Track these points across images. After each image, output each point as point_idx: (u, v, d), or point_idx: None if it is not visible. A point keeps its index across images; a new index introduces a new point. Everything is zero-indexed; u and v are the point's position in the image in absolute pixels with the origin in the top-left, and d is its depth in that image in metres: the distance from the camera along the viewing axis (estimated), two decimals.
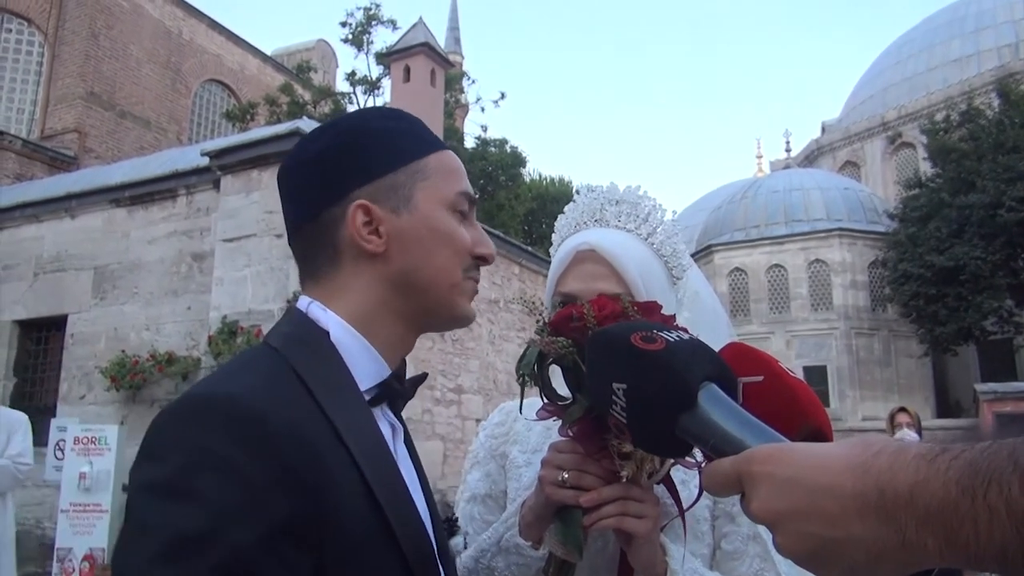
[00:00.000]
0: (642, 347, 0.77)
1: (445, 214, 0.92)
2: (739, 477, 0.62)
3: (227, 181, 9.06)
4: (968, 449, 0.52)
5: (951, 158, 22.07)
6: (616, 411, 0.79)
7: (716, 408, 0.72)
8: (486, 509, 1.33)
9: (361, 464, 0.78)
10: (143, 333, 9.39)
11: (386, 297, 0.89)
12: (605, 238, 1.20)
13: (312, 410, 0.78)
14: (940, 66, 31.01)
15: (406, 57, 13.00)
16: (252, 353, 0.86)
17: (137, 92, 21.09)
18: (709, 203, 34.01)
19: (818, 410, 0.84)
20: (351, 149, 0.90)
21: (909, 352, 24.39)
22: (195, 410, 0.72)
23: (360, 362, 0.87)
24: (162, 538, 0.65)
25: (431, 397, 10.72)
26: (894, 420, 5.05)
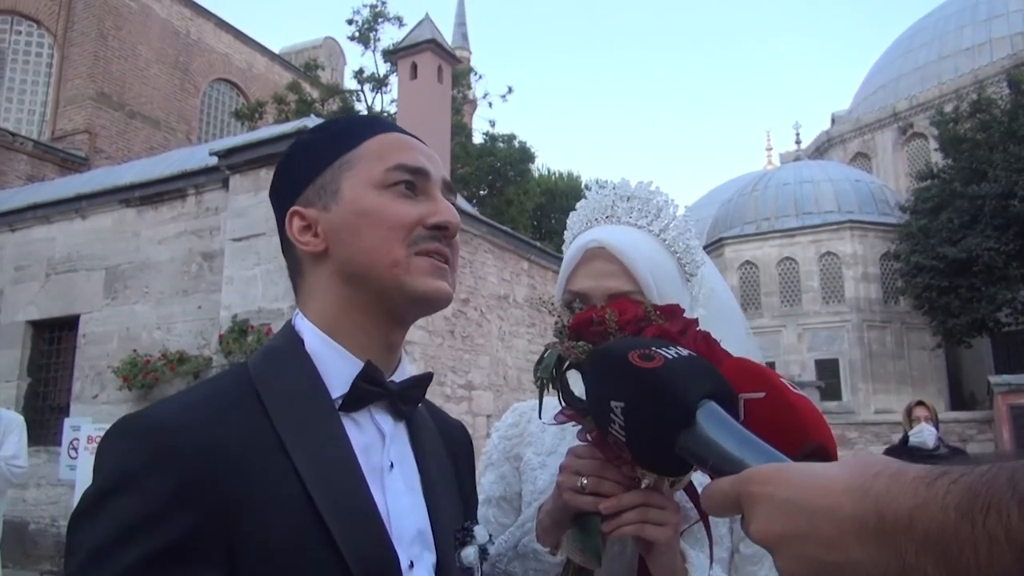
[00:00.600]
0: (639, 365, 0.76)
1: (372, 194, 0.89)
2: (738, 498, 0.62)
3: (236, 180, 9.10)
4: (967, 473, 0.51)
5: (962, 148, 21.89)
6: (615, 429, 0.79)
7: (715, 426, 0.71)
8: (501, 512, 1.33)
9: (305, 477, 0.77)
10: (154, 332, 9.44)
11: (344, 294, 0.89)
12: (615, 235, 1.18)
13: (256, 424, 0.78)
14: (952, 55, 30.74)
15: (412, 54, 12.98)
16: (224, 371, 0.90)
17: (146, 92, 21.19)
18: (719, 196, 33.88)
19: (821, 427, 0.83)
20: (285, 173, 0.96)
21: (922, 344, 24.24)
22: (118, 433, 0.75)
23: (333, 367, 0.87)
24: (80, 555, 0.70)
25: (441, 393, 10.74)
26: (912, 414, 4.99)
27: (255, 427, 0.78)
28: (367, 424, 0.88)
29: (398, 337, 0.93)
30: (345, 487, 0.80)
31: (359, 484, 0.81)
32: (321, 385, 0.85)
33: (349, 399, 0.86)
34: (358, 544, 0.77)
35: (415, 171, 0.91)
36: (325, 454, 0.80)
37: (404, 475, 0.89)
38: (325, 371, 0.86)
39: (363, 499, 0.81)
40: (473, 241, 12.10)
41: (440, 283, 0.90)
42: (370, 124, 0.95)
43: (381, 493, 0.84)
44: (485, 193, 25.09)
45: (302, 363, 0.86)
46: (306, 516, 0.75)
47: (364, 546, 0.78)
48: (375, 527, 0.80)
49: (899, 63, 33.30)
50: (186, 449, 0.72)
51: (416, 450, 0.94)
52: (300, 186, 0.92)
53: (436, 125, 12.90)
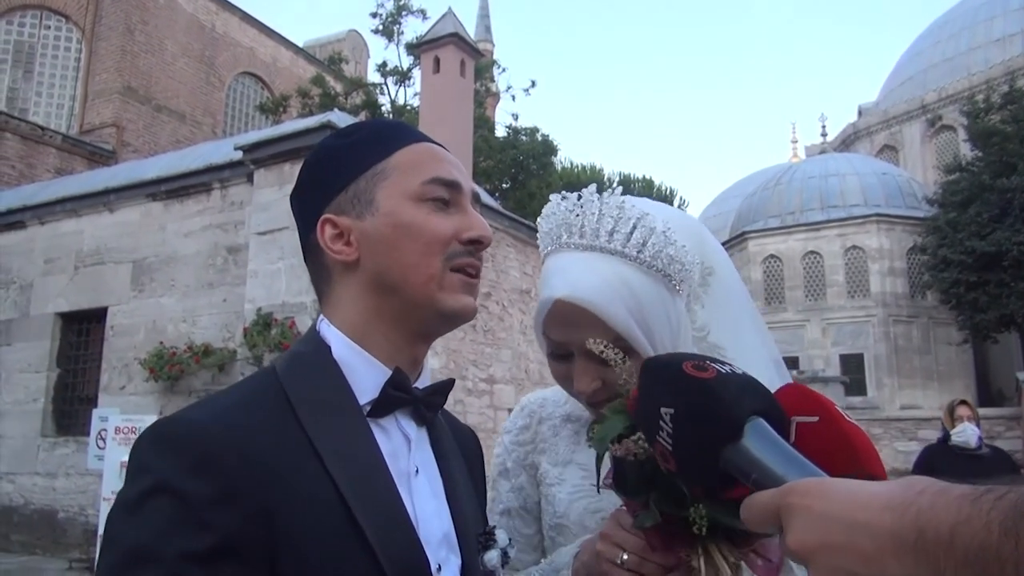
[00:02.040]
0: (693, 374, 0.77)
1: (410, 206, 0.89)
2: (778, 510, 0.61)
3: (260, 175, 9.18)
4: (1013, 490, 0.50)
5: (993, 141, 21.52)
6: (662, 437, 0.78)
7: (761, 442, 0.71)
8: (522, 523, 1.30)
9: (338, 482, 0.78)
10: (180, 325, 9.56)
11: (374, 304, 0.90)
12: (580, 285, 1.06)
13: (289, 430, 0.80)
14: (982, 46, 30.20)
15: (435, 48, 12.99)
16: (251, 376, 0.91)
17: (172, 86, 21.40)
18: (743, 189, 33.58)
19: (873, 458, 0.81)
20: (313, 176, 0.95)
21: (949, 340, 23.92)
22: (157, 436, 0.77)
23: (360, 374, 0.88)
24: (119, 552, 0.71)
25: (463, 387, 10.78)
26: (954, 413, 4.90)
27: (289, 432, 0.79)
28: (393, 430, 0.89)
29: (422, 351, 0.94)
30: (377, 491, 0.82)
31: (390, 488, 0.83)
32: (349, 392, 0.86)
33: (377, 405, 0.87)
34: (392, 547, 0.79)
35: (450, 184, 0.91)
36: (356, 459, 0.82)
37: (429, 480, 0.91)
38: (353, 378, 0.87)
39: (395, 503, 0.83)
40: (495, 235, 12.06)
41: (468, 299, 0.91)
42: (401, 132, 0.95)
43: (409, 497, 0.86)
44: (507, 186, 25.08)
45: (330, 370, 0.87)
46: (341, 519, 0.77)
47: (397, 549, 0.80)
48: (407, 530, 0.82)
49: (928, 54, 32.78)
50: (225, 455, 0.74)
51: (438, 455, 0.95)
52: (331, 193, 0.92)
53: (458, 118, 12.92)
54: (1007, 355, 24.47)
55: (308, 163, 0.96)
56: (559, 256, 1.13)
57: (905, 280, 24.75)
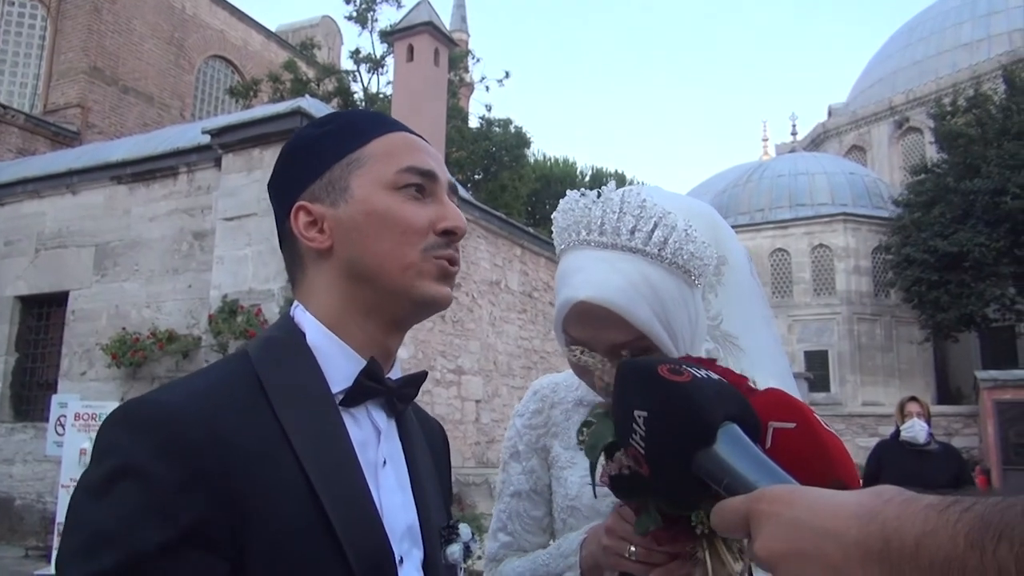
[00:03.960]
0: (668, 378, 0.76)
1: (384, 195, 0.89)
2: (747, 516, 0.61)
3: (228, 159, 9.05)
4: (980, 502, 0.50)
5: (957, 144, 21.91)
6: (635, 440, 0.78)
7: (734, 448, 0.71)
8: (532, 505, 1.31)
9: (309, 470, 0.77)
10: (144, 311, 9.42)
11: (348, 292, 0.89)
12: (603, 285, 1.06)
13: (261, 416, 0.79)
14: (950, 50, 30.72)
15: (409, 36, 12.89)
16: (224, 359, 0.90)
17: (140, 67, 20.99)
18: (714, 186, 33.85)
19: (848, 467, 0.81)
20: (289, 164, 0.95)
21: (910, 338, 24.37)
22: (125, 416, 0.75)
23: (334, 363, 0.87)
24: (82, 536, 0.70)
25: (431, 378, 10.76)
26: (904, 409, 5.02)
27: (260, 418, 0.79)
28: (364, 420, 0.89)
29: (396, 341, 0.94)
30: (347, 481, 0.81)
31: (359, 479, 0.83)
32: (322, 380, 0.86)
33: (350, 395, 0.87)
34: (358, 538, 0.79)
35: (425, 174, 0.91)
36: (327, 448, 0.81)
37: (396, 472, 0.91)
38: (327, 366, 0.87)
39: (363, 494, 0.82)
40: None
41: (445, 288, 0.91)
42: (378, 121, 0.95)
43: (375, 489, 0.85)
44: (480, 178, 25.01)
45: (304, 357, 0.87)
46: (309, 508, 0.76)
47: (364, 540, 0.79)
48: (374, 522, 0.82)
49: (897, 57, 33.27)
50: (195, 438, 0.73)
51: (405, 447, 0.95)
52: (306, 181, 0.91)
53: (432, 108, 12.84)
54: (966, 354, 25.01)
55: (284, 151, 0.96)
56: (578, 254, 1.12)
57: (870, 279, 25.15)
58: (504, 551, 1.30)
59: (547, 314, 14.51)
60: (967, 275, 20.67)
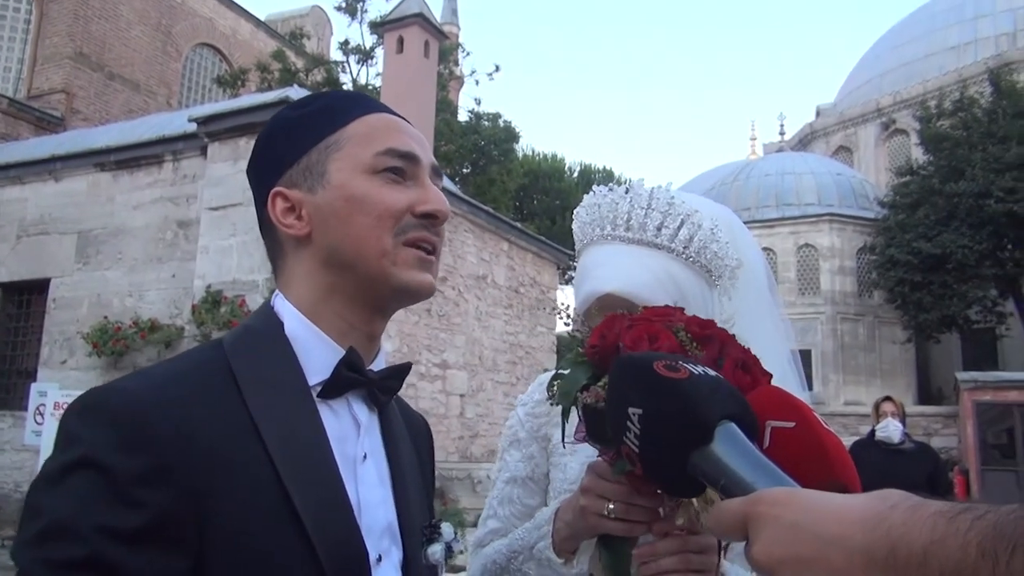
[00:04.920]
0: (664, 374, 0.74)
1: (362, 179, 0.86)
2: (745, 519, 0.59)
3: (214, 148, 8.98)
4: (992, 510, 0.48)
5: (943, 146, 22.07)
6: (629, 438, 0.76)
7: (731, 447, 0.69)
8: (526, 492, 1.30)
9: (279, 464, 0.75)
10: (126, 300, 9.34)
11: (327, 280, 0.87)
12: (630, 279, 1.09)
13: (231, 407, 0.77)
14: (937, 53, 30.91)
15: (400, 27, 12.83)
16: (197, 348, 0.88)
17: (127, 54, 20.77)
18: (702, 184, 33.92)
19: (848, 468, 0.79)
20: (266, 148, 0.92)
21: (893, 338, 24.56)
22: (88, 405, 0.73)
23: (313, 353, 0.85)
24: (37, 524, 0.68)
25: (415, 372, 10.73)
26: (879, 409, 5.06)
27: (230, 410, 0.76)
28: (344, 413, 0.86)
29: (379, 327, 0.91)
30: (319, 476, 0.78)
31: (333, 474, 0.80)
32: (299, 370, 0.83)
33: (328, 386, 0.84)
34: (329, 535, 0.76)
35: (405, 156, 0.88)
36: (300, 441, 0.79)
37: (377, 467, 0.88)
38: (304, 356, 0.84)
39: (336, 489, 0.80)
40: (454, 220, 12.05)
41: (425, 276, 0.88)
42: (357, 102, 0.92)
43: (353, 484, 0.83)
44: (468, 171, 24.95)
45: (281, 346, 0.84)
46: (278, 504, 0.74)
47: (335, 537, 0.77)
48: (347, 518, 0.79)
49: (885, 59, 33.44)
50: (159, 430, 0.71)
51: (387, 442, 0.92)
52: (283, 165, 0.89)
53: (421, 100, 12.78)
54: (947, 355, 25.23)
55: (262, 135, 0.94)
56: (603, 248, 1.13)
57: (854, 279, 25.31)
58: (491, 536, 1.28)
59: (533, 309, 14.51)
60: (950, 277, 20.84)
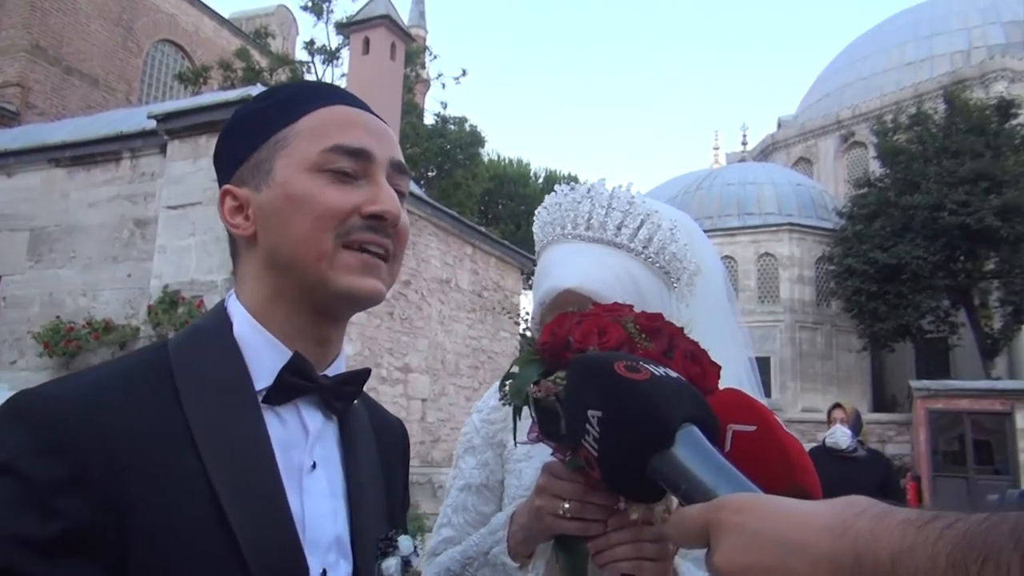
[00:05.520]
0: (625, 375, 0.72)
1: (304, 178, 0.81)
2: (707, 525, 0.57)
3: (174, 146, 8.82)
4: (963, 519, 0.47)
5: (899, 160, 22.60)
6: (588, 441, 0.74)
7: (693, 451, 0.67)
8: (480, 500, 1.28)
9: (211, 473, 0.71)
10: (80, 299, 9.13)
11: (272, 283, 0.83)
12: (589, 275, 1.09)
13: (166, 412, 0.73)
14: (895, 68, 31.66)
15: (366, 29, 12.75)
16: (140, 349, 0.84)
17: (85, 48, 20.34)
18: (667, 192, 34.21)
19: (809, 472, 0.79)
20: (225, 144, 0.89)
21: (849, 347, 25.03)
22: (11, 409, 0.70)
23: (261, 356, 0.81)
24: None
25: (377, 375, 10.65)
26: (830, 416, 5.14)
27: (164, 414, 0.73)
28: (291, 420, 0.82)
29: (330, 332, 0.87)
30: (255, 486, 0.74)
31: (272, 484, 0.76)
32: (244, 374, 0.80)
33: (273, 391, 0.80)
34: (263, 548, 0.72)
35: (355, 153, 0.82)
36: (237, 449, 0.75)
37: (328, 477, 0.84)
38: (251, 360, 0.81)
39: (274, 500, 0.75)
40: (418, 223, 11.99)
41: (369, 281, 0.82)
42: (315, 95, 0.87)
43: (298, 495, 0.79)
44: (433, 175, 24.89)
45: (227, 348, 0.81)
46: (208, 515, 0.70)
47: (270, 551, 0.73)
48: (284, 531, 0.75)
49: (844, 72, 34.15)
50: (82, 436, 0.68)
51: (346, 450, 0.87)
52: (236, 162, 0.85)
53: (386, 102, 12.71)
54: (902, 364, 25.80)
55: (224, 129, 0.90)
56: (563, 246, 1.14)
57: (813, 288, 25.75)
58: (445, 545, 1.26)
59: (496, 314, 14.49)
60: (905, 287, 21.33)
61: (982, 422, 17.28)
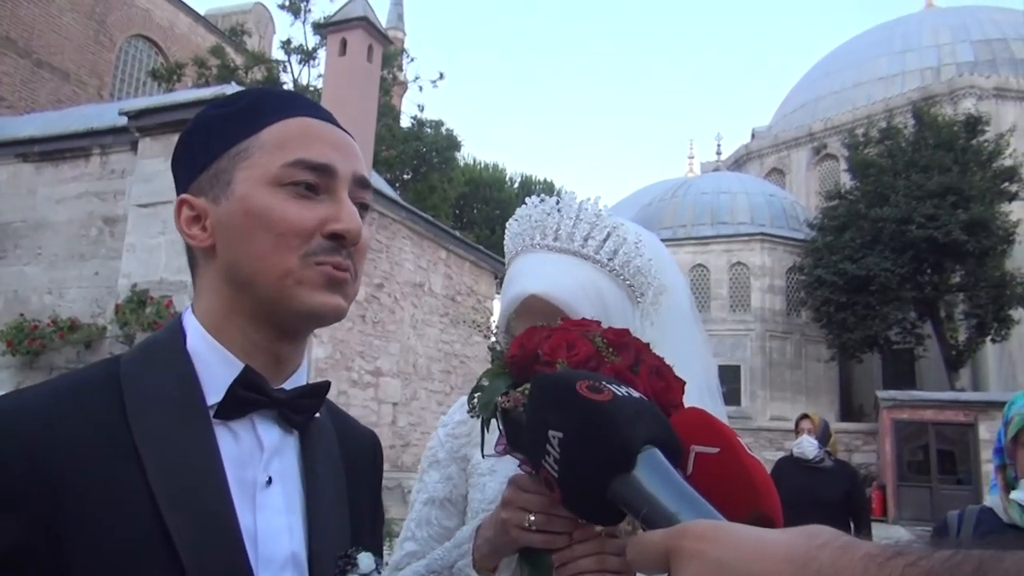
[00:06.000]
0: (587, 395, 0.71)
1: (265, 192, 0.79)
2: (667, 552, 0.56)
3: (145, 143, 8.71)
4: (926, 556, 0.46)
5: (869, 173, 22.98)
6: (548, 463, 0.72)
7: (654, 475, 0.66)
8: (444, 514, 1.27)
9: (156, 490, 0.70)
10: (45, 297, 8.97)
11: (229, 296, 0.81)
12: (555, 283, 1.10)
13: (110, 429, 0.72)
14: (867, 82, 32.17)
15: (343, 30, 12.68)
16: (91, 364, 0.82)
17: (57, 41, 20.02)
18: (642, 199, 34.50)
19: (771, 496, 0.77)
20: (184, 150, 0.86)
21: (818, 356, 25.37)
22: None
23: (213, 371, 0.79)
24: None
25: (348, 379, 10.58)
26: (798, 426, 5.18)
27: (108, 431, 0.71)
28: (245, 435, 0.80)
29: (287, 349, 0.85)
30: (202, 502, 0.73)
31: (219, 499, 0.74)
32: (196, 388, 0.78)
33: (225, 406, 0.79)
34: (208, 566, 0.71)
35: (318, 168, 0.80)
36: (183, 464, 0.73)
37: (285, 492, 0.82)
38: (204, 373, 0.79)
39: (224, 518, 0.74)
40: (392, 226, 11.95)
41: (334, 298, 0.81)
42: (279, 104, 0.85)
43: (251, 511, 0.77)
44: (408, 177, 24.82)
45: (179, 363, 0.79)
46: (152, 533, 0.68)
47: (216, 568, 0.71)
48: (231, 549, 0.73)
49: (818, 85, 34.63)
50: (14, 457, 0.66)
51: (306, 465, 0.85)
52: (195, 170, 0.83)
53: (363, 104, 12.65)
54: (868, 374, 26.19)
55: (183, 134, 0.87)
56: (530, 256, 1.16)
57: (783, 298, 26.06)
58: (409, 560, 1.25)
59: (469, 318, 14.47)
60: (873, 298, 21.67)
61: (946, 433, 17.59)
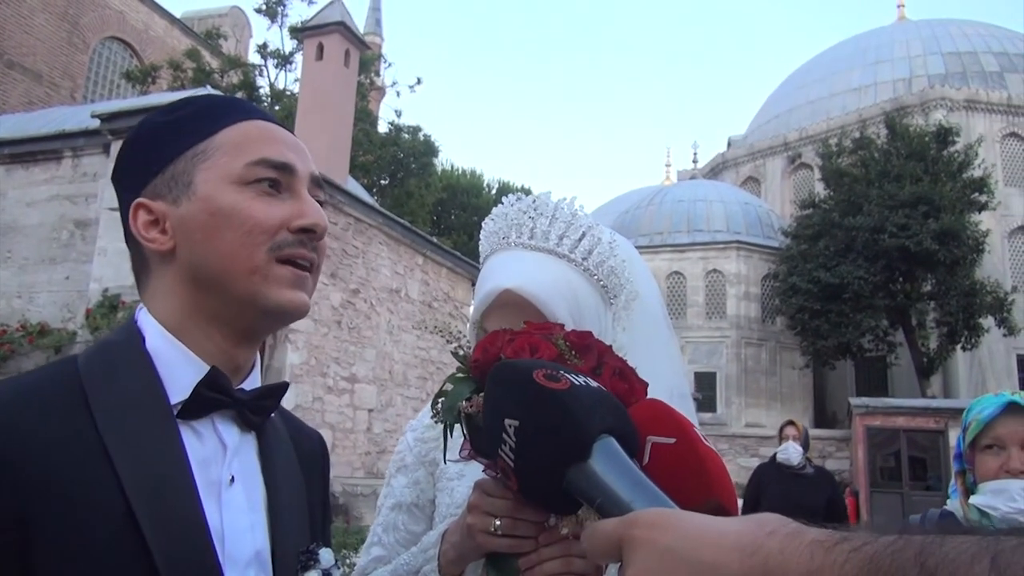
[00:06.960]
0: (543, 384, 0.71)
1: (230, 191, 0.81)
2: (620, 541, 0.57)
3: (117, 147, 8.62)
4: (871, 542, 0.47)
5: (843, 182, 23.29)
6: (505, 451, 0.73)
7: (609, 464, 0.66)
8: (411, 519, 1.27)
9: (128, 489, 0.70)
10: (14, 301, 8.83)
11: (192, 298, 0.82)
12: (530, 278, 1.10)
13: (77, 429, 0.72)
14: (841, 93, 32.61)
15: (320, 34, 12.64)
16: (49, 364, 0.82)
17: (29, 42, 19.78)
18: (619, 206, 34.71)
19: (726, 486, 0.78)
20: (131, 155, 0.87)
21: (792, 363, 25.61)
22: None
23: (174, 371, 0.80)
24: None
25: (323, 384, 10.50)
26: (782, 433, 5.26)
27: (76, 431, 0.71)
28: (208, 434, 0.81)
29: (246, 352, 0.87)
30: (173, 502, 0.73)
31: (189, 498, 0.75)
32: (159, 388, 0.78)
33: (189, 406, 0.79)
34: (180, 564, 0.71)
35: (279, 167, 0.83)
36: (153, 464, 0.73)
37: (247, 491, 0.83)
38: (165, 374, 0.79)
39: (193, 516, 0.74)
40: (368, 232, 11.90)
41: (299, 295, 0.83)
42: (231, 109, 0.87)
43: (217, 510, 0.78)
44: (386, 183, 24.75)
45: (140, 363, 0.79)
46: (124, 531, 0.69)
47: (187, 566, 0.72)
48: (201, 546, 0.74)
49: (793, 95, 35.04)
50: None
51: (265, 464, 0.87)
52: (148, 175, 0.83)
53: (339, 108, 12.61)
54: (842, 381, 26.50)
55: (127, 140, 0.88)
56: (506, 253, 1.16)
57: (758, 305, 26.30)
58: (375, 565, 1.25)
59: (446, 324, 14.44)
60: (846, 306, 21.92)
61: (917, 439, 17.80)
